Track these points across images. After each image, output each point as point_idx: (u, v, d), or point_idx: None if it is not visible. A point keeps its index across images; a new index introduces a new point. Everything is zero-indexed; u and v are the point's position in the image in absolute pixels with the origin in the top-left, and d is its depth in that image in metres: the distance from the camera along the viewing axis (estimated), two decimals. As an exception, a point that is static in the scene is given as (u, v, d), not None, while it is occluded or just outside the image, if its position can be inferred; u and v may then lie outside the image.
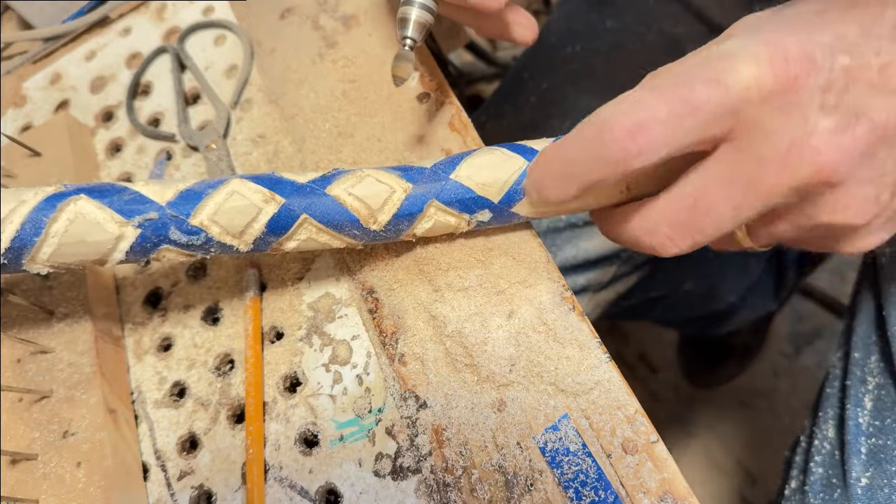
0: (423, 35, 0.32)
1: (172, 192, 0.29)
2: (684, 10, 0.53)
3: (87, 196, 0.28)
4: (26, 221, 0.28)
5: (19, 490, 0.32)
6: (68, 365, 0.35)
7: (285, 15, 0.47)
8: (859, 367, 0.41)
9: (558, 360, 0.30)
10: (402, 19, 0.32)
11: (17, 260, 0.28)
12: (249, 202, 0.29)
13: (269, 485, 0.32)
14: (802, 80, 0.22)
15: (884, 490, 0.37)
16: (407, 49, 0.32)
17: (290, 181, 0.30)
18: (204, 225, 0.29)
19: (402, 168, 0.31)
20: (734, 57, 0.23)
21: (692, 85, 0.23)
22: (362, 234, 0.31)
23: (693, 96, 0.23)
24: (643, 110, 0.23)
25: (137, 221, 0.28)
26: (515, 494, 0.29)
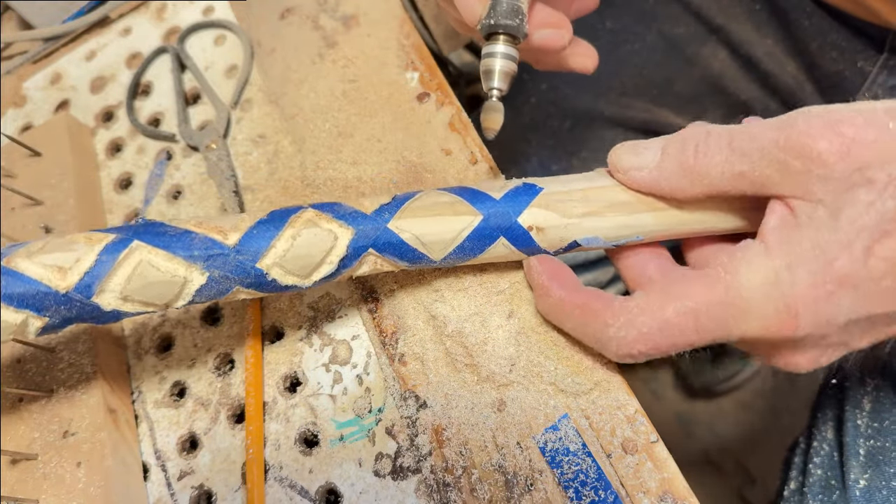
0: (510, 84, 0.31)
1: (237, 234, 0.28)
2: (684, 11, 0.53)
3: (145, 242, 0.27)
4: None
5: (19, 490, 0.32)
6: (68, 365, 0.35)
7: (285, 15, 0.47)
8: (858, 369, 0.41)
9: (558, 360, 0.30)
10: (486, 71, 0.31)
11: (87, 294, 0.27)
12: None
13: (269, 485, 0.32)
14: (802, 333, 0.24)
15: (882, 492, 0.37)
16: (495, 100, 0.31)
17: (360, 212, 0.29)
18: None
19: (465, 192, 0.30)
20: (748, 311, 0.24)
21: (699, 321, 0.25)
22: (426, 262, 0.30)
23: (695, 329, 0.25)
24: (644, 343, 0.26)
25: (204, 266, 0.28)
26: (515, 494, 0.29)
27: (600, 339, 0.27)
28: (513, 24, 0.30)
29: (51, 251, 0.26)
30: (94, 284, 0.26)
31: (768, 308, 0.23)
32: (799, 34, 0.48)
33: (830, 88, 0.49)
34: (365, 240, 0.29)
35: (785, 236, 0.24)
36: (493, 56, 0.31)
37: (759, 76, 0.52)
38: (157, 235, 0.27)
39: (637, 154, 0.28)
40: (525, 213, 0.29)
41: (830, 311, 0.23)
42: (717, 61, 0.53)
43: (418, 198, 0.30)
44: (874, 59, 0.45)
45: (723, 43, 0.52)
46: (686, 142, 0.26)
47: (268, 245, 0.28)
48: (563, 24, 0.33)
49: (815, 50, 0.48)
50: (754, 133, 0.25)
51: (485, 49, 0.31)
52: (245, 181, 0.41)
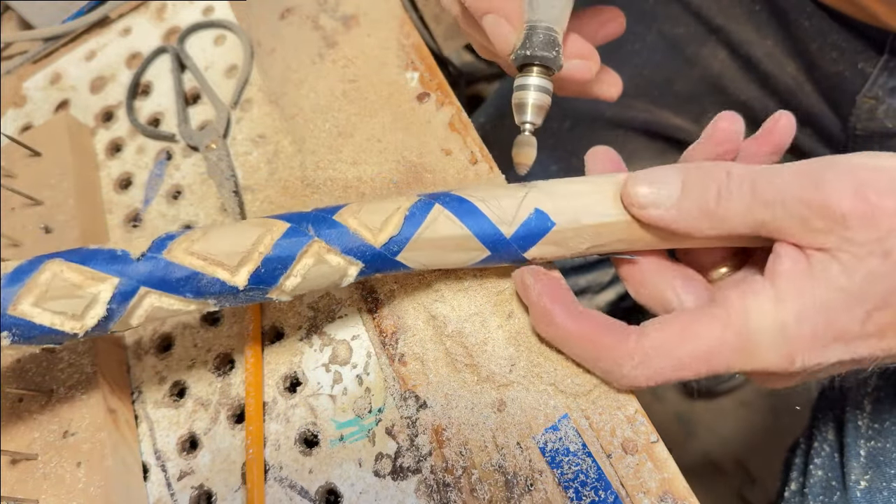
0: (543, 117, 0.31)
1: None
2: (683, 11, 0.53)
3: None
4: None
5: (19, 490, 0.32)
6: (68, 365, 0.35)
7: (285, 15, 0.47)
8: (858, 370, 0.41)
9: (558, 361, 0.30)
10: (519, 104, 0.30)
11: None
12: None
13: (269, 485, 0.32)
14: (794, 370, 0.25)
15: (882, 493, 0.37)
16: (528, 134, 0.30)
17: None
18: None
19: None
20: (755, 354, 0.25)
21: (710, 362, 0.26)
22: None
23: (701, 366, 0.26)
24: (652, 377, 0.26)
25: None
26: (515, 494, 0.29)
27: (611, 373, 0.28)
28: (549, 56, 0.29)
29: (57, 297, 0.26)
30: (108, 327, 0.27)
31: (772, 354, 0.25)
32: (799, 35, 0.48)
33: (830, 89, 0.49)
34: (371, 269, 0.29)
35: (797, 286, 0.24)
36: (526, 89, 0.30)
37: (758, 77, 0.52)
38: (165, 282, 0.27)
39: (655, 187, 0.26)
40: (533, 249, 0.29)
41: (824, 357, 0.24)
42: (717, 61, 0.53)
43: (429, 226, 0.29)
44: (874, 61, 0.45)
45: (723, 43, 0.52)
46: (708, 184, 0.26)
47: (277, 283, 0.28)
48: (592, 56, 0.32)
49: (815, 51, 0.47)
50: (779, 184, 0.24)
51: (518, 81, 0.30)
52: (245, 181, 0.41)
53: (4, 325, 0.26)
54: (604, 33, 0.36)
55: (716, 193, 0.25)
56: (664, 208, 0.26)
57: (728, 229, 0.26)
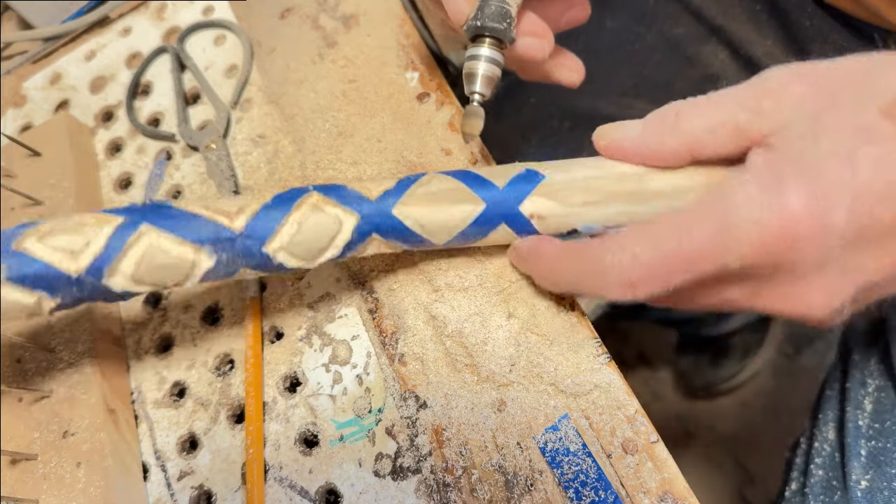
0: (492, 89, 0.31)
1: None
2: (684, 11, 0.53)
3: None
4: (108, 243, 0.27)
5: (19, 490, 0.32)
6: (68, 365, 0.35)
7: (285, 15, 0.47)
8: (859, 370, 0.41)
9: (558, 361, 0.30)
10: (469, 74, 0.30)
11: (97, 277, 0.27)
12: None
13: (269, 485, 0.32)
14: (806, 241, 0.23)
15: (883, 493, 0.37)
16: (476, 105, 0.31)
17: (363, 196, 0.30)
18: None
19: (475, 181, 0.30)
20: (740, 216, 0.23)
21: (692, 238, 0.24)
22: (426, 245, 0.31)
23: (690, 252, 0.24)
24: (645, 267, 0.25)
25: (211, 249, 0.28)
26: (515, 494, 0.29)
27: (599, 271, 0.26)
28: (500, 28, 0.29)
29: (60, 233, 0.27)
30: (104, 268, 0.27)
31: (762, 214, 0.23)
32: (799, 35, 0.48)
33: None
34: (369, 225, 0.29)
35: (769, 161, 0.24)
36: (476, 59, 0.30)
37: None
38: (165, 218, 0.28)
39: (621, 126, 0.29)
40: (527, 202, 0.29)
41: (824, 220, 0.23)
42: (717, 61, 0.53)
43: (422, 183, 0.30)
44: None
45: (723, 43, 0.52)
46: (667, 108, 0.28)
47: (273, 230, 0.28)
48: (546, 36, 0.32)
49: (816, 50, 0.47)
50: (729, 90, 0.26)
51: (469, 51, 0.31)
52: (245, 181, 0.41)
53: (3, 258, 0.26)
54: (567, 18, 0.36)
55: (674, 110, 0.27)
56: (630, 138, 0.28)
57: (691, 138, 0.27)
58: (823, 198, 0.22)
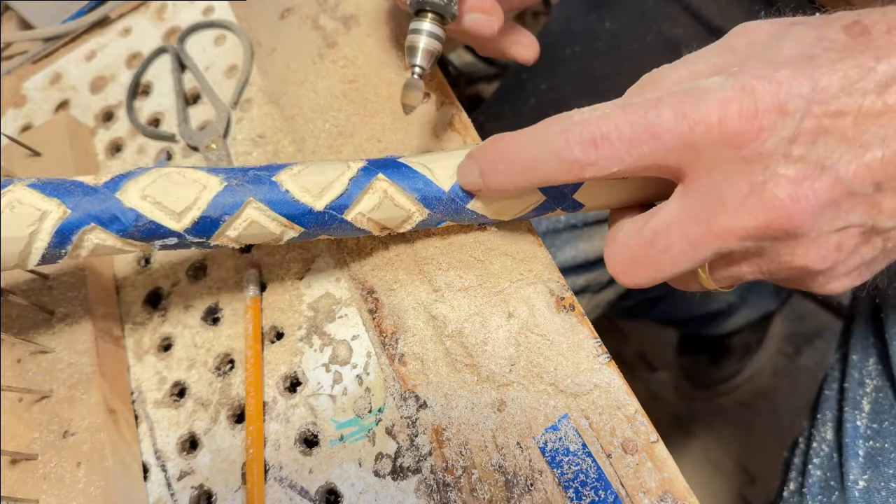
0: (432, 62, 0.32)
1: None
2: (683, 11, 0.53)
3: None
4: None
5: (19, 490, 0.32)
6: (68, 365, 0.35)
7: (285, 15, 0.47)
8: (857, 370, 0.41)
9: (558, 361, 0.30)
10: (410, 47, 0.31)
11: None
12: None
13: (269, 485, 0.32)
14: (767, 132, 0.22)
15: (881, 493, 0.37)
16: (416, 77, 0.32)
17: None
18: None
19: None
20: (706, 95, 0.23)
21: (660, 112, 0.24)
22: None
23: (657, 123, 0.23)
24: (608, 124, 0.24)
25: None
26: (515, 494, 0.29)
27: (564, 128, 0.25)
28: (441, 4, 0.30)
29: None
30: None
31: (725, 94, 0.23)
32: None
33: None
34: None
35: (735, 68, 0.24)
36: (418, 33, 0.31)
37: None
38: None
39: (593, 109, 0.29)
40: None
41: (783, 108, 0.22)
42: None
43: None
44: None
45: None
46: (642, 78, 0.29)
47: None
48: (493, 11, 0.33)
49: None
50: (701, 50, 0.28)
51: (411, 25, 0.31)
52: (245, 181, 0.41)
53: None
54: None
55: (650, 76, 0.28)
56: None
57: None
58: (780, 87, 0.22)
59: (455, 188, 0.31)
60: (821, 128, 0.22)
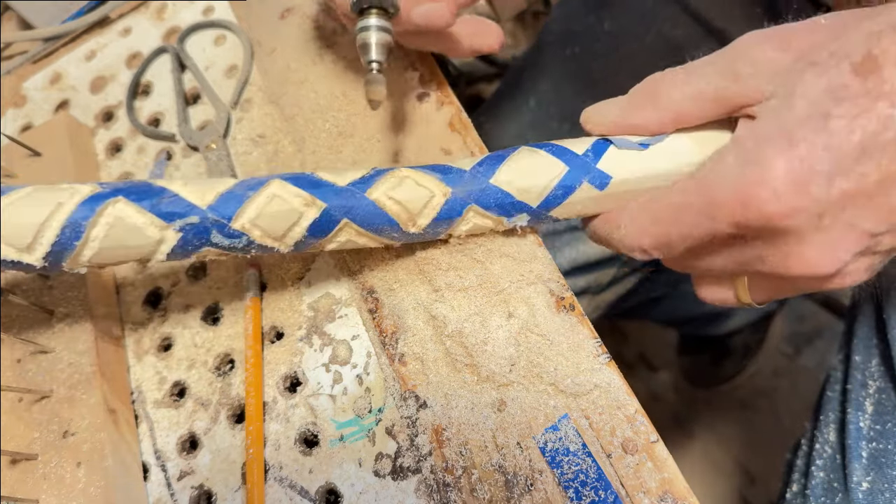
0: (387, 55, 0.32)
1: (213, 194, 0.29)
2: (682, 12, 0.53)
3: (125, 199, 0.28)
4: (66, 226, 0.27)
5: (19, 490, 0.32)
6: (68, 365, 0.35)
7: (285, 15, 0.47)
8: (860, 371, 0.40)
9: (558, 361, 0.30)
10: (363, 45, 0.32)
11: (57, 263, 0.28)
12: (291, 207, 0.29)
13: (269, 485, 0.32)
14: (795, 213, 0.23)
15: (885, 494, 0.36)
16: (375, 73, 0.32)
17: (329, 184, 0.30)
18: (245, 229, 0.28)
19: (440, 169, 0.31)
20: (724, 197, 0.24)
21: (683, 219, 0.26)
22: (401, 236, 0.31)
23: (686, 230, 0.26)
24: (648, 238, 0.28)
25: (178, 226, 0.28)
26: (515, 494, 0.29)
27: (618, 238, 0.29)
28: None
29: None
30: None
31: (743, 188, 0.24)
32: None
33: None
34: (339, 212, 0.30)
35: (748, 132, 0.25)
36: (367, 30, 0.31)
37: None
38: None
39: (604, 106, 0.30)
40: (603, 160, 0.29)
41: (806, 188, 0.23)
42: None
43: (513, 157, 0.30)
44: None
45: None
46: (646, 82, 0.29)
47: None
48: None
49: None
50: (705, 59, 0.27)
51: (358, 25, 0.32)
52: (245, 181, 0.41)
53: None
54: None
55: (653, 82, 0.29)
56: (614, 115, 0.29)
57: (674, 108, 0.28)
58: (801, 165, 0.23)
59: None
60: (846, 196, 0.23)
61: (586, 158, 0.29)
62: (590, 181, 0.29)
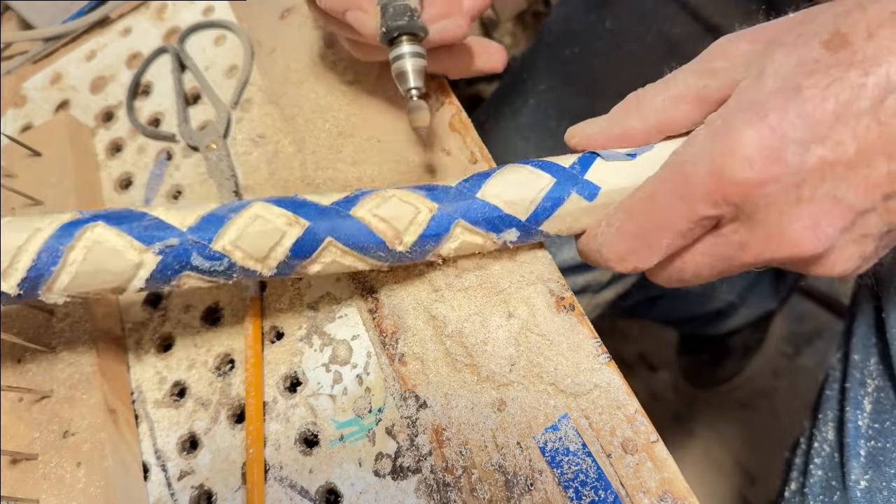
0: (424, 80, 0.32)
1: (193, 217, 0.28)
2: (682, 10, 0.53)
3: (104, 223, 0.27)
4: (42, 250, 0.27)
5: (19, 490, 0.32)
6: (68, 365, 0.35)
7: (285, 15, 0.47)
8: (858, 370, 0.40)
9: (558, 361, 0.30)
10: (399, 74, 0.31)
11: (33, 290, 0.27)
12: (273, 226, 0.28)
13: (269, 485, 0.32)
14: (771, 183, 0.23)
15: (882, 493, 0.37)
16: (417, 99, 0.32)
17: (313, 203, 0.29)
18: (227, 250, 0.28)
19: (426, 187, 0.31)
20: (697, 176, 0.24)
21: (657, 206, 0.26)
22: (388, 256, 0.30)
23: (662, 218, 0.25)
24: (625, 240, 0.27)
25: (158, 248, 0.27)
26: (515, 494, 0.29)
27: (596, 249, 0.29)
28: (405, 23, 0.30)
29: None
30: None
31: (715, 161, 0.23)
32: None
33: None
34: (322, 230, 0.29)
35: (718, 113, 0.25)
36: (401, 58, 0.31)
37: None
38: None
39: (589, 122, 0.31)
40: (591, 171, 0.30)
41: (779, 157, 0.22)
42: None
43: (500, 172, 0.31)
44: None
45: None
46: (629, 96, 0.29)
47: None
48: (452, 11, 0.33)
49: None
50: (682, 67, 0.28)
51: (391, 55, 0.31)
52: (245, 181, 0.41)
53: None
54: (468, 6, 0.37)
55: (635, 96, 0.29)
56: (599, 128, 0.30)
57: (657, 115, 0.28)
58: (773, 133, 0.22)
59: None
60: (825, 164, 0.22)
61: (573, 170, 0.29)
62: (578, 192, 0.29)
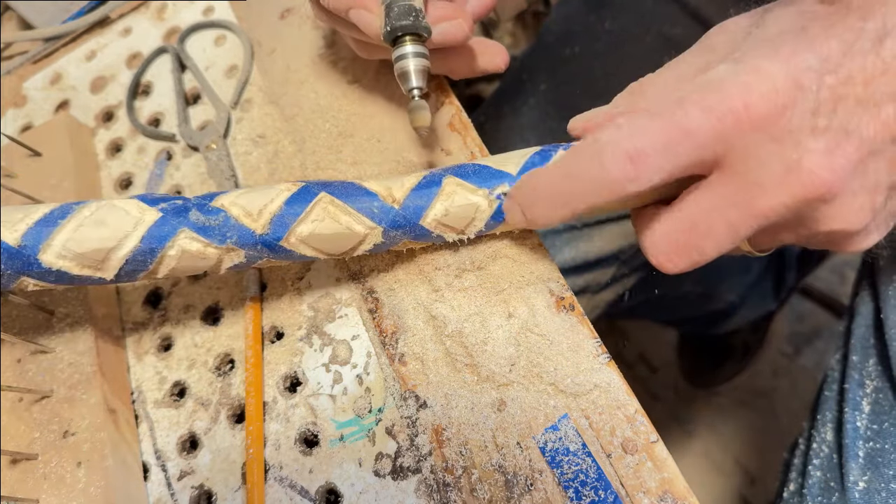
0: (427, 80, 0.32)
1: None
2: (681, 11, 0.53)
3: None
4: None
5: (19, 490, 0.32)
6: (68, 365, 0.35)
7: (285, 15, 0.47)
8: (857, 371, 0.40)
9: (558, 361, 0.30)
10: (402, 74, 0.31)
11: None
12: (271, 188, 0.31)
13: (269, 485, 0.32)
14: (790, 108, 0.23)
15: (881, 494, 0.37)
16: (418, 99, 0.32)
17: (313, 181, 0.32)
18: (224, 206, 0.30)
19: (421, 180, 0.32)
20: (723, 86, 0.23)
21: (686, 111, 0.24)
22: (381, 213, 0.30)
23: (686, 123, 0.24)
24: (642, 137, 0.24)
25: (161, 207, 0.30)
26: (515, 494, 0.29)
27: (597, 152, 0.25)
28: (409, 23, 0.30)
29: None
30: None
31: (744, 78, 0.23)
32: None
33: None
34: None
35: (731, 55, 0.26)
36: (404, 58, 0.31)
37: None
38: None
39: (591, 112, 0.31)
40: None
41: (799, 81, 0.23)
42: None
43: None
44: None
45: None
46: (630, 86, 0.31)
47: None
48: (456, 13, 0.33)
49: None
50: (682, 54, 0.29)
51: (394, 55, 0.31)
52: (245, 181, 0.41)
53: None
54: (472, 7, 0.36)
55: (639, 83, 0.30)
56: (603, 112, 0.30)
57: None
58: (789, 63, 0.23)
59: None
60: (837, 95, 0.23)
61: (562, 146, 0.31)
62: (565, 148, 0.30)
